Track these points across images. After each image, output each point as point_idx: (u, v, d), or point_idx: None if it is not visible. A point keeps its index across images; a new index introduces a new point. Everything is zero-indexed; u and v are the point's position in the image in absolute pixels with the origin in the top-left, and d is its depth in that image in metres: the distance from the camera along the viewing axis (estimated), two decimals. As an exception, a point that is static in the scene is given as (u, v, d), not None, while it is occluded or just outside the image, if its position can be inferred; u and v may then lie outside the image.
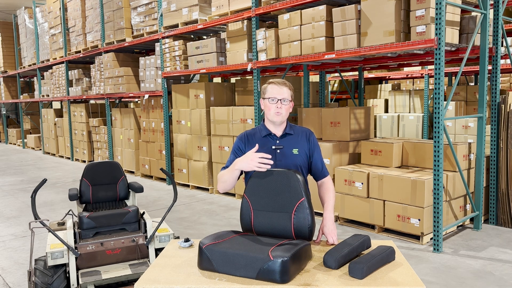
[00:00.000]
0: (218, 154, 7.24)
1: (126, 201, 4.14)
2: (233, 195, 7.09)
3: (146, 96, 8.61)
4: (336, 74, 10.47)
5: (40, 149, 14.81)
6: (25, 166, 11.15)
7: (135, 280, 3.29)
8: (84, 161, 11.51)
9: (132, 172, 9.58)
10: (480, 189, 5.19)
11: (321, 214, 6.00)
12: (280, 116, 2.44)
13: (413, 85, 10.68)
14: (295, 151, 2.48)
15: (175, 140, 8.10)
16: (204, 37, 8.23)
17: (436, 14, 4.23)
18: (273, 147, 2.48)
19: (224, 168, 2.56)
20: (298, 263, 1.95)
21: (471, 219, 5.39)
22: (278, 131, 2.51)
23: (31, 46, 13.90)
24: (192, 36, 8.24)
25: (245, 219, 2.35)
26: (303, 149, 2.50)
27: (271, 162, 2.26)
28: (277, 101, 2.42)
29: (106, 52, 9.75)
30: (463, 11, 5.10)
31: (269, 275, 1.86)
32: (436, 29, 4.26)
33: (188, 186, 7.91)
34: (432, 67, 8.67)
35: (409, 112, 9.13)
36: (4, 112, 17.43)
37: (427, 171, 5.14)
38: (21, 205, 6.89)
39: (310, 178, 2.60)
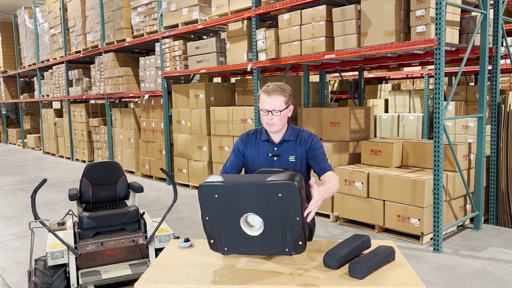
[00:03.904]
0: (218, 154, 7.24)
1: (126, 201, 4.13)
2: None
3: (146, 96, 8.61)
4: (336, 74, 10.46)
5: (40, 149, 14.81)
6: (25, 166, 11.15)
7: (135, 280, 3.29)
8: (84, 161, 11.51)
9: (132, 172, 9.58)
10: (480, 189, 5.19)
11: (321, 214, 5.99)
12: (274, 126, 2.38)
13: (413, 85, 10.68)
14: (291, 158, 2.44)
15: (175, 140, 8.10)
16: (204, 37, 8.23)
17: (436, 14, 4.23)
18: (270, 154, 2.46)
19: (223, 170, 2.56)
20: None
21: (471, 219, 5.39)
22: (276, 137, 2.47)
23: (31, 46, 13.89)
24: (192, 36, 8.24)
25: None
26: (301, 155, 2.44)
27: None
28: (267, 113, 2.36)
29: (106, 52, 9.75)
30: (463, 11, 5.10)
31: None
32: (436, 29, 4.26)
33: (188, 186, 7.91)
34: (432, 67, 8.66)
35: (409, 112, 9.13)
36: (4, 112, 17.43)
37: (427, 171, 5.14)
38: (21, 205, 6.89)
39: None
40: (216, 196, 1.94)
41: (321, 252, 2.16)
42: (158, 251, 3.59)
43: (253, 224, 2.00)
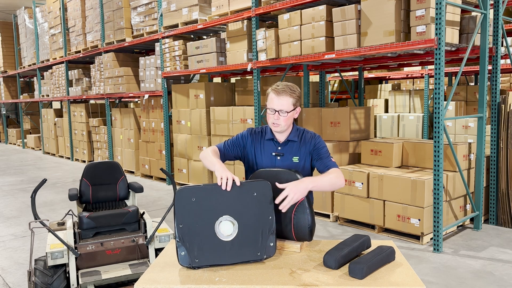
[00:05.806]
0: (218, 154, 7.22)
1: (126, 201, 4.13)
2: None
3: (146, 96, 8.61)
4: (336, 74, 10.46)
5: (40, 149, 14.81)
6: (25, 166, 11.15)
7: (135, 280, 3.29)
8: (84, 161, 11.51)
9: (132, 172, 9.58)
10: (480, 189, 5.19)
11: (321, 214, 5.98)
12: (279, 127, 2.37)
13: (413, 85, 10.68)
14: (295, 159, 2.43)
15: (175, 140, 8.10)
16: (204, 37, 8.23)
17: (436, 14, 4.23)
18: (273, 153, 2.46)
19: (219, 146, 2.50)
20: None
21: (471, 219, 5.39)
22: (281, 137, 2.46)
23: (31, 46, 13.89)
24: (192, 36, 8.24)
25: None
26: (304, 156, 2.44)
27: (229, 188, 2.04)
28: (274, 112, 2.35)
29: (106, 52, 9.75)
30: (463, 11, 5.10)
31: None
32: (436, 29, 4.26)
33: (188, 186, 7.90)
34: (432, 67, 8.66)
35: (409, 112, 9.13)
36: (4, 112, 17.42)
37: (427, 171, 5.14)
38: (21, 205, 6.89)
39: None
40: (194, 199, 2.00)
41: (321, 252, 2.16)
42: (158, 251, 3.59)
43: (225, 231, 2.02)
